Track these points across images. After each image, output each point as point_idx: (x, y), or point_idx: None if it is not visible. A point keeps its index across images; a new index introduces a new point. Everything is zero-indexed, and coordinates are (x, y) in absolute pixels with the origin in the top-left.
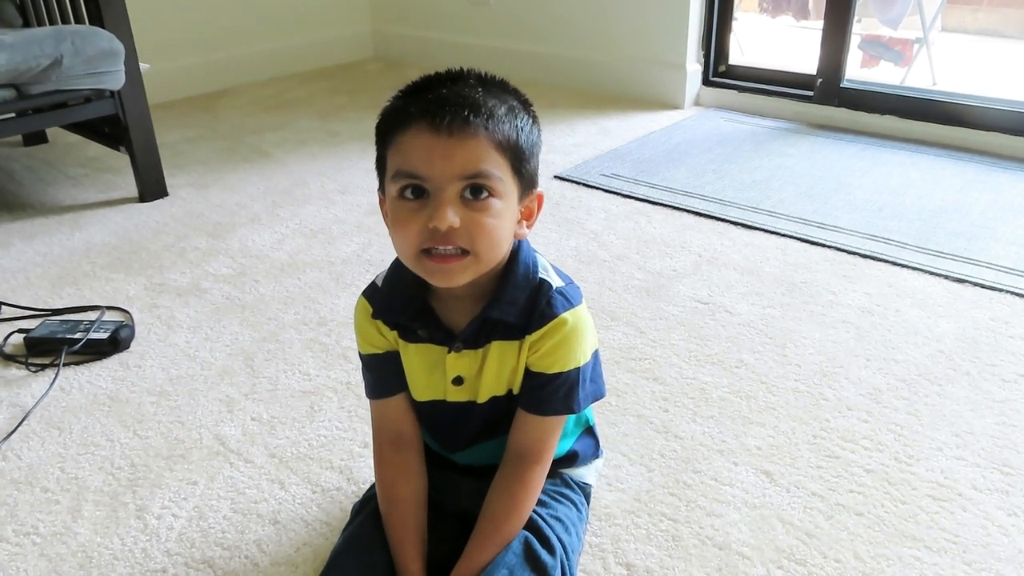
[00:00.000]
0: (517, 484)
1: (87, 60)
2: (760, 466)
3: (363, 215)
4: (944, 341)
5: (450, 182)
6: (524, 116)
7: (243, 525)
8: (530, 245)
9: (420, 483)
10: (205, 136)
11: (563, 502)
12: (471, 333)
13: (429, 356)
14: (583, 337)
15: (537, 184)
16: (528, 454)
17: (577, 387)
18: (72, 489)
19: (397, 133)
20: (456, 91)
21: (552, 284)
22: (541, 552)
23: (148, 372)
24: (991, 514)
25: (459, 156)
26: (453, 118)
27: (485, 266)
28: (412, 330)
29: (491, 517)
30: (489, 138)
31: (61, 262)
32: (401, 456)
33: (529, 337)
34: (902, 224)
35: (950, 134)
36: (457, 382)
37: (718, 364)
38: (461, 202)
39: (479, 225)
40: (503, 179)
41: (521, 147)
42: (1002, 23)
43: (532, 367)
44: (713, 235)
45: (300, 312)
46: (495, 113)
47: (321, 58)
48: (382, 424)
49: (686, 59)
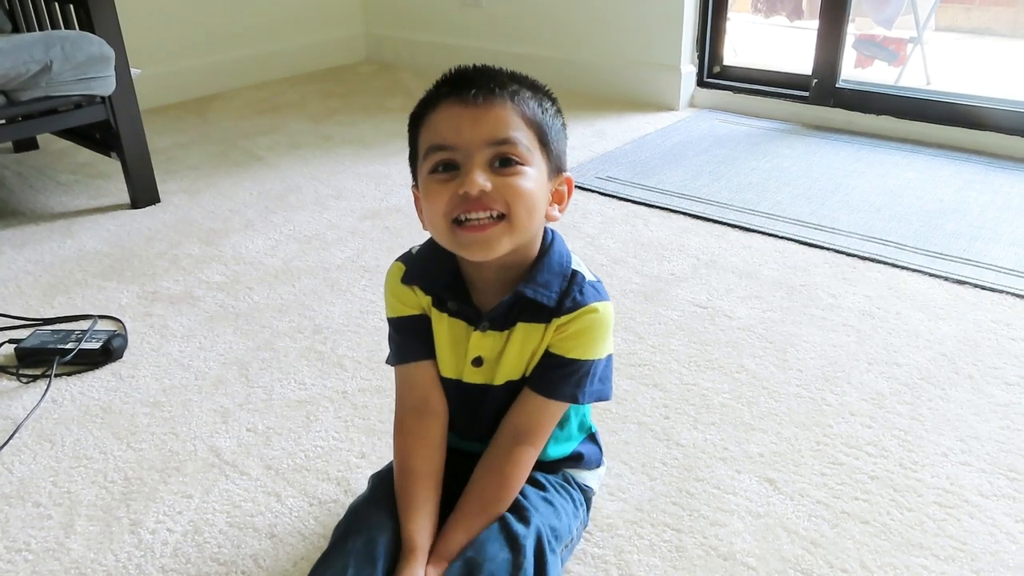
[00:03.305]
0: (508, 464)
1: (77, 66)
2: (763, 474)
3: (357, 220)
4: (946, 344)
5: (479, 149)
6: (548, 103)
7: (239, 539)
8: (563, 239)
9: (438, 456)
10: (197, 141)
11: (561, 493)
12: (501, 312)
13: (454, 331)
14: (606, 332)
15: (565, 168)
16: (524, 434)
17: (587, 379)
18: (64, 503)
19: (427, 114)
20: (483, 71)
21: (585, 276)
22: (515, 524)
23: (141, 382)
24: (999, 521)
25: (486, 123)
26: (479, 89)
27: (520, 234)
28: (444, 300)
29: (478, 494)
30: (515, 109)
31: (52, 270)
32: (423, 425)
33: (557, 320)
34: (901, 225)
35: (946, 134)
36: (477, 363)
37: (718, 369)
38: (491, 170)
39: (512, 187)
40: (531, 149)
41: (545, 125)
42: (994, 22)
43: (552, 349)
44: (711, 238)
45: (295, 320)
46: (519, 91)
47: (313, 61)
48: (406, 390)
49: (680, 60)
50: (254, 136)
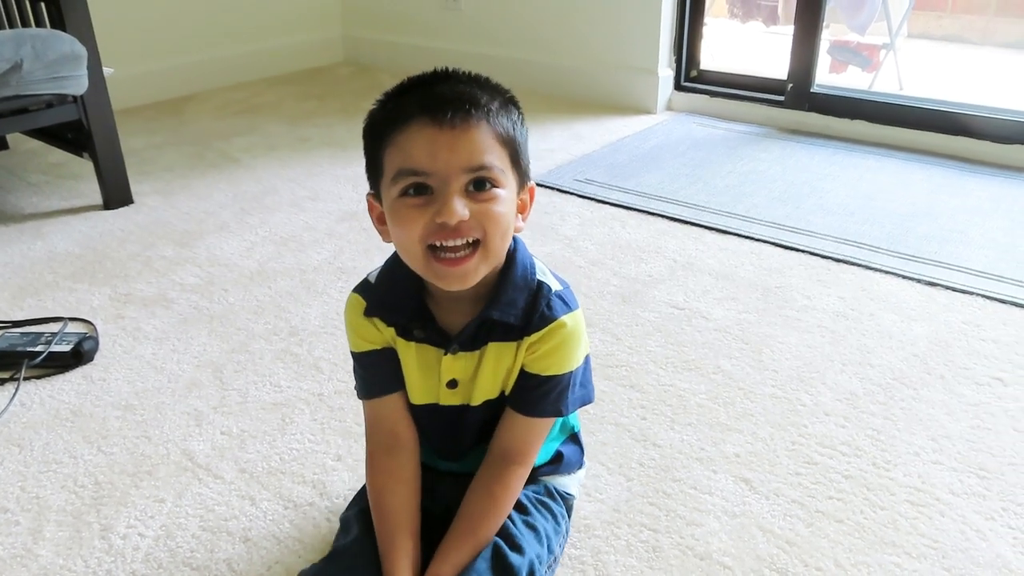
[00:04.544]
0: (498, 485)
1: (48, 64)
2: (739, 474)
3: (334, 222)
4: (918, 345)
5: (455, 176)
6: (515, 111)
7: (212, 543)
8: (525, 246)
9: (413, 491)
10: (171, 142)
11: (542, 511)
12: (469, 335)
13: (424, 357)
14: (579, 341)
15: (530, 177)
16: (512, 455)
17: (568, 391)
18: (33, 509)
19: (394, 132)
20: (451, 87)
21: (551, 287)
22: (510, 554)
23: (113, 386)
24: (969, 518)
25: (463, 148)
26: (455, 111)
27: (494, 258)
28: (409, 329)
29: (469, 517)
30: (490, 131)
31: (22, 272)
32: (394, 460)
33: (528, 339)
34: (874, 228)
35: (918, 138)
36: (451, 385)
37: (695, 370)
38: (467, 196)
39: (489, 213)
40: (504, 171)
41: (517, 141)
42: (966, 29)
43: (527, 368)
44: (688, 240)
45: (270, 322)
46: (492, 107)
47: (291, 62)
48: (376, 426)
49: (658, 64)
50: (230, 137)
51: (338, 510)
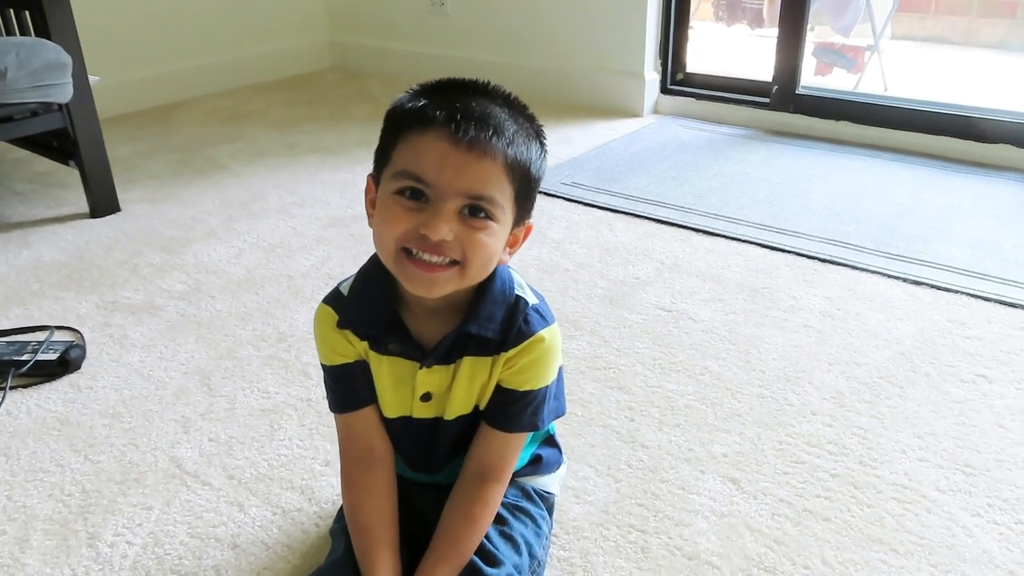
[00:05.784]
0: (476, 504)
1: (33, 72)
2: (727, 474)
3: (322, 228)
4: (904, 343)
5: (453, 197)
6: (538, 147)
7: (201, 550)
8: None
9: (390, 504)
10: (158, 149)
11: (520, 518)
12: (445, 349)
13: (398, 370)
14: (555, 356)
15: (530, 215)
16: (488, 471)
17: (543, 405)
18: (19, 518)
19: (413, 131)
20: (483, 106)
21: (528, 301)
22: (486, 569)
23: (100, 393)
24: (955, 515)
25: (470, 174)
26: (477, 134)
27: (469, 282)
28: (384, 343)
29: (447, 536)
30: (504, 163)
31: (8, 281)
32: (369, 475)
33: (504, 354)
34: (860, 228)
35: (902, 139)
36: (425, 398)
37: (683, 372)
38: (458, 218)
39: (474, 241)
40: (504, 207)
41: (531, 177)
42: (949, 30)
43: (504, 383)
44: (675, 242)
45: (258, 328)
46: (515, 139)
47: (278, 69)
48: (350, 440)
49: (644, 67)
50: (217, 144)
51: (327, 515)
